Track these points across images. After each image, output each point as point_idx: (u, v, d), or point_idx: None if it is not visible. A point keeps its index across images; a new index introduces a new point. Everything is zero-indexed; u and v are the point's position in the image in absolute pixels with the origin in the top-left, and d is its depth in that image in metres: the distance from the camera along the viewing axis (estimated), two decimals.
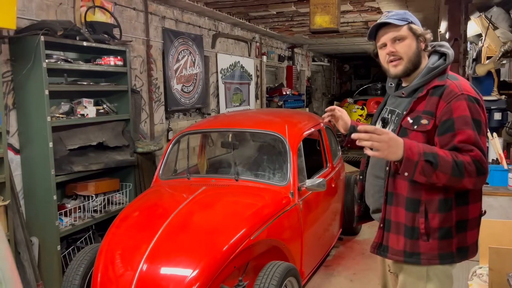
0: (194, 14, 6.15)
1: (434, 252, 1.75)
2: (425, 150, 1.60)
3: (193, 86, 6.15)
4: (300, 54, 11.09)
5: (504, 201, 3.21)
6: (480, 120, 1.67)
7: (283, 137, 3.37)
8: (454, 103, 1.66)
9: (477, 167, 1.60)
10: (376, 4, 5.82)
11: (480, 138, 1.65)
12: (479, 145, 1.64)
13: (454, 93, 1.68)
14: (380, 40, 1.83)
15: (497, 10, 5.28)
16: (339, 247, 4.54)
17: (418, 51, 1.80)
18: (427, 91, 1.74)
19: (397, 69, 1.80)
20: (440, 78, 1.76)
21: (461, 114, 1.65)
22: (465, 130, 1.63)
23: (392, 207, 1.80)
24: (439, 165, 1.57)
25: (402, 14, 1.81)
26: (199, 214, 2.97)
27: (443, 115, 1.67)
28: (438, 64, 1.78)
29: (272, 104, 8.85)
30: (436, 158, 1.58)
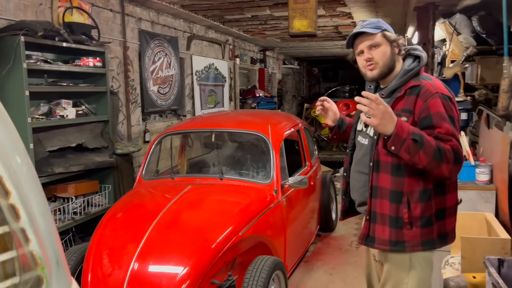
0: (169, 16, 6.17)
1: (417, 239, 1.89)
2: (414, 131, 1.74)
3: (169, 87, 6.16)
4: (272, 57, 11.26)
5: (472, 195, 3.44)
6: (454, 117, 1.84)
7: (266, 137, 3.48)
8: (430, 100, 1.82)
9: (455, 155, 1.75)
10: (348, 9, 6.04)
11: (455, 131, 1.82)
12: (456, 137, 1.81)
13: (429, 92, 1.84)
14: (358, 48, 1.98)
15: (460, 16, 5.61)
16: (317, 243, 4.69)
17: (392, 55, 1.96)
18: (405, 91, 1.90)
19: (373, 72, 1.95)
20: (415, 78, 1.92)
21: (438, 110, 1.81)
22: (443, 124, 1.79)
23: (377, 200, 1.94)
24: (424, 146, 1.72)
25: (376, 22, 1.97)
26: (187, 212, 3.03)
27: (421, 112, 1.83)
28: (413, 66, 1.94)
29: (246, 106, 8.96)
30: (422, 139, 1.72)
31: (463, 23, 5.58)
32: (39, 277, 0.69)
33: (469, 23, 5.57)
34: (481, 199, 3.41)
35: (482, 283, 2.50)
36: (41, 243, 0.69)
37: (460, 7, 5.69)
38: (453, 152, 1.75)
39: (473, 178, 3.48)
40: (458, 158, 1.77)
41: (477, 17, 5.58)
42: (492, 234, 3.05)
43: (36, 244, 0.69)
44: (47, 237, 0.71)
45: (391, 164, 1.88)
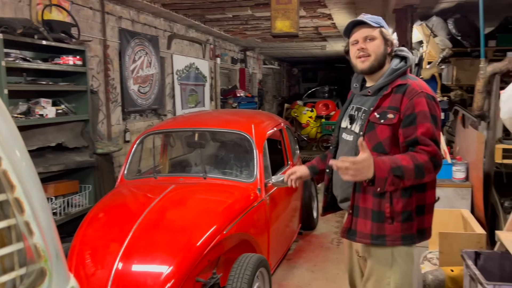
0: (150, 15, 6.13)
1: (398, 233, 1.95)
2: (392, 165, 1.80)
3: (150, 87, 6.12)
4: (252, 57, 11.29)
5: (449, 192, 3.55)
6: (436, 116, 1.91)
7: (249, 136, 3.50)
8: (416, 99, 1.88)
9: (433, 163, 1.83)
10: (328, 10, 6.13)
11: (436, 131, 1.89)
12: (435, 138, 1.87)
13: (415, 91, 1.90)
14: (353, 37, 2.02)
15: (436, 19, 5.77)
16: (299, 241, 4.74)
17: (385, 53, 2.01)
18: (392, 89, 1.96)
19: (364, 64, 2.00)
20: (402, 78, 1.98)
21: (422, 109, 1.87)
22: (424, 123, 1.86)
23: (361, 194, 1.99)
24: (405, 176, 1.80)
25: (377, 18, 2.02)
26: (171, 211, 3.02)
27: (407, 110, 1.89)
28: (400, 66, 2.00)
29: (227, 106, 8.97)
30: (401, 170, 1.79)
31: (440, 25, 5.73)
32: (42, 269, 0.70)
33: (445, 25, 5.73)
34: (457, 196, 3.53)
35: (460, 276, 2.59)
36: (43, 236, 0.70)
37: (437, 10, 5.86)
38: (432, 161, 1.82)
39: (450, 176, 3.59)
40: (437, 164, 1.85)
41: (452, 20, 5.75)
42: (468, 229, 3.16)
43: (40, 237, 0.69)
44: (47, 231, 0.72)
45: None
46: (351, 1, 5.46)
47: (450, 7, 5.70)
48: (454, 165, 3.54)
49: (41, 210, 0.72)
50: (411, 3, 4.75)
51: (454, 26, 5.70)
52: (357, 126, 2.04)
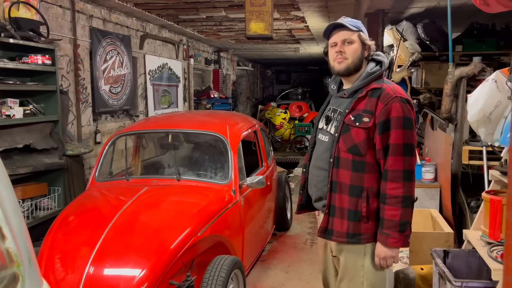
0: (122, 14, 6.03)
1: (372, 231, 2.01)
2: (395, 230, 1.92)
3: (121, 87, 6.02)
4: (226, 58, 11.27)
5: (418, 192, 3.64)
6: (411, 118, 1.97)
7: (224, 138, 3.49)
8: (391, 104, 1.94)
9: (406, 178, 1.92)
10: (301, 13, 6.19)
11: (411, 134, 1.95)
12: (407, 143, 1.93)
13: (390, 95, 1.96)
14: (332, 39, 2.06)
15: (406, 24, 5.92)
16: (273, 242, 4.76)
17: (362, 57, 2.05)
18: (366, 92, 2.00)
19: (341, 66, 2.04)
20: (377, 81, 2.03)
21: (396, 115, 1.93)
22: (397, 130, 1.92)
23: (336, 195, 2.03)
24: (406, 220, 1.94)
25: (357, 22, 2.07)
26: (144, 214, 2.98)
27: (381, 115, 1.94)
28: (375, 69, 2.05)
29: (200, 107, 8.91)
30: (402, 224, 1.92)
31: (409, 30, 5.89)
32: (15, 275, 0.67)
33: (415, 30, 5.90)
34: (426, 196, 3.63)
35: (429, 274, 2.66)
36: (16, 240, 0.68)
37: (407, 15, 6.01)
38: (405, 180, 1.92)
39: (419, 176, 3.69)
40: (409, 176, 1.94)
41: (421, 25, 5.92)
42: (436, 228, 3.26)
43: (12, 241, 0.67)
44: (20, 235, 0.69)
45: (352, 161, 1.98)
46: (324, 4, 5.54)
47: (419, 12, 5.86)
48: (423, 166, 3.64)
49: (13, 213, 0.70)
50: (382, 7, 4.86)
51: (423, 30, 5.87)
52: (333, 128, 2.08)
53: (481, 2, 1.63)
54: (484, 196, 2.07)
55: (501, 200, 1.87)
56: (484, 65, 3.41)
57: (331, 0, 5.28)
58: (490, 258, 1.96)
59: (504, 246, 0.66)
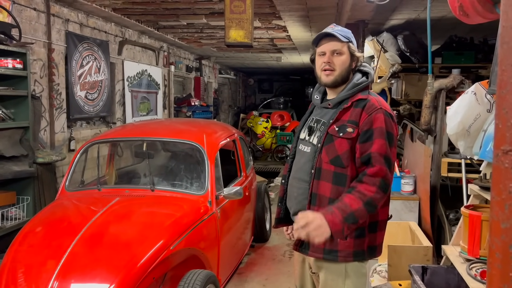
0: (100, 19, 5.90)
1: (350, 249, 1.92)
2: (343, 215, 1.78)
3: (98, 93, 5.87)
4: (208, 66, 11.19)
5: (397, 204, 3.62)
6: (393, 133, 1.90)
7: (201, 147, 3.39)
8: (374, 115, 1.88)
9: (381, 188, 1.82)
10: (283, 22, 6.16)
11: (390, 149, 1.88)
12: (388, 156, 1.86)
13: (374, 106, 1.90)
14: (321, 48, 1.99)
15: (386, 35, 5.96)
16: (251, 254, 4.66)
17: (350, 68, 2.00)
18: (352, 103, 1.94)
19: (328, 78, 1.98)
20: (363, 92, 1.97)
21: (379, 125, 1.87)
22: (379, 139, 1.85)
23: (315, 207, 1.95)
24: (358, 218, 1.79)
25: (347, 32, 2.00)
26: (114, 226, 2.85)
27: (365, 125, 1.88)
28: (362, 80, 1.99)
29: (181, 115, 8.79)
30: (353, 216, 1.78)
31: (390, 41, 5.93)
32: None
33: (395, 41, 5.93)
34: (405, 208, 3.59)
35: None
36: None
37: (387, 26, 6.05)
38: (379, 188, 1.81)
39: (398, 188, 3.65)
40: (385, 187, 1.84)
41: (402, 36, 5.96)
42: (415, 241, 3.21)
43: None
44: None
45: (333, 173, 1.91)
46: (305, 14, 5.52)
47: (400, 24, 5.91)
48: (402, 178, 3.61)
49: None
50: (363, 18, 4.86)
51: (403, 42, 5.91)
52: (315, 138, 2.01)
53: (460, 13, 1.59)
54: (463, 211, 2.02)
55: (480, 216, 1.82)
56: (463, 77, 3.41)
57: (312, 10, 5.26)
58: (469, 276, 1.91)
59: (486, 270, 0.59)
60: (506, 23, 0.60)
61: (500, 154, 0.61)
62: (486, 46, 5.99)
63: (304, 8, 5.16)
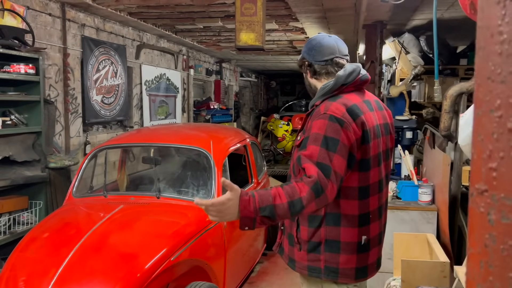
0: (117, 24, 5.92)
1: (304, 262, 1.80)
2: (260, 205, 1.55)
3: (115, 97, 5.88)
4: (228, 69, 11.14)
5: (414, 215, 3.41)
6: (336, 139, 1.64)
7: (207, 153, 3.31)
8: (315, 121, 1.70)
9: (314, 190, 1.56)
10: (300, 24, 6.02)
11: (329, 155, 1.62)
12: (322, 162, 1.61)
13: (319, 112, 1.72)
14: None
15: (408, 36, 5.73)
16: (264, 263, 4.54)
17: (308, 81, 1.95)
18: (312, 110, 1.82)
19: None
20: (320, 98, 1.80)
21: (315, 131, 1.67)
22: (311, 146, 1.65)
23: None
24: (277, 215, 1.57)
25: (305, 45, 1.94)
26: (116, 234, 2.79)
27: (306, 131, 1.75)
28: (325, 86, 1.82)
29: (200, 118, 8.76)
30: (272, 210, 1.55)
31: (412, 42, 5.69)
32: None
33: (417, 42, 5.70)
34: (423, 219, 3.39)
35: None
36: None
37: (409, 27, 5.82)
38: (313, 190, 1.56)
39: (416, 198, 3.45)
40: (318, 191, 1.57)
41: (424, 37, 5.71)
42: (433, 256, 3.02)
43: None
44: None
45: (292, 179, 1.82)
46: (322, 15, 5.36)
47: (422, 24, 5.67)
48: (420, 187, 3.41)
49: None
50: (380, 19, 4.67)
51: (426, 43, 5.67)
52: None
53: (472, 12, 1.43)
54: None
55: None
56: None
57: (329, 11, 5.11)
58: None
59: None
60: (482, 22, 0.47)
61: (475, 194, 0.47)
62: None
63: (320, 9, 5.01)
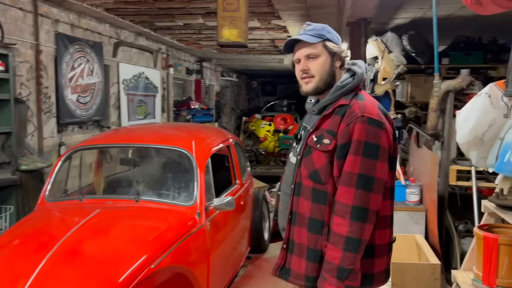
0: (93, 20, 5.69)
1: None
2: (334, 275, 1.57)
3: (91, 96, 5.66)
4: (209, 68, 10.97)
5: (402, 216, 3.35)
6: (377, 144, 1.61)
7: (189, 153, 3.15)
8: (353, 125, 1.61)
9: (355, 217, 1.56)
10: (283, 22, 5.92)
11: (370, 163, 1.59)
12: (363, 174, 1.58)
13: (354, 114, 1.63)
14: (295, 55, 1.79)
15: (391, 35, 5.69)
16: (247, 266, 4.40)
17: (332, 69, 1.75)
18: (333, 110, 1.70)
19: (308, 86, 1.76)
20: (346, 97, 1.71)
21: (356, 138, 1.60)
22: (352, 156, 1.60)
23: (295, 227, 1.73)
24: (350, 263, 1.57)
25: (320, 29, 1.75)
26: (91, 241, 2.61)
27: (341, 137, 1.63)
28: (346, 82, 1.74)
29: (180, 118, 8.57)
30: (344, 268, 1.56)
31: (394, 41, 5.66)
32: None
33: (400, 41, 5.66)
34: (411, 220, 3.33)
35: None
36: None
37: (392, 26, 5.79)
38: (353, 218, 1.56)
39: (403, 198, 3.39)
40: (360, 215, 1.57)
41: (407, 36, 5.68)
42: (422, 257, 2.95)
43: None
44: None
45: (312, 189, 1.68)
46: (305, 13, 5.27)
47: (405, 23, 5.64)
48: (407, 187, 3.34)
49: None
50: (364, 16, 4.61)
51: (408, 42, 5.64)
52: (299, 147, 1.78)
53: (472, 1, 1.34)
54: (476, 232, 1.74)
55: (497, 239, 1.55)
56: (472, 78, 3.14)
57: (312, 8, 5.02)
58: None
59: None
60: None
61: None
62: (495, 46, 5.70)
63: (303, 6, 4.91)
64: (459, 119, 1.84)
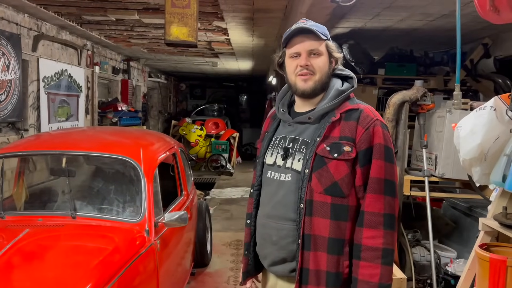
0: (9, 8, 5.00)
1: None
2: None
3: (6, 95, 4.96)
4: (136, 68, 10.37)
5: None
6: (392, 148, 1.59)
7: (136, 163, 2.80)
8: (372, 129, 1.54)
9: (388, 225, 1.49)
10: (225, 24, 5.72)
11: (392, 167, 1.56)
12: (389, 179, 1.53)
13: (370, 118, 1.56)
14: (295, 48, 1.59)
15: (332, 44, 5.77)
16: (191, 283, 4.09)
17: (329, 72, 1.61)
18: (340, 115, 1.56)
19: (307, 84, 1.59)
20: (350, 101, 1.62)
21: (377, 142, 1.54)
22: (378, 160, 1.53)
23: (310, 253, 1.52)
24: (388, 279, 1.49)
25: (322, 28, 1.62)
26: (21, 269, 2.17)
27: (362, 142, 1.53)
28: (347, 87, 1.64)
29: (106, 120, 7.93)
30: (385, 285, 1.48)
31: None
32: None
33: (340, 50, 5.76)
34: None
35: None
36: None
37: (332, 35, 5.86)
38: (386, 227, 1.48)
39: None
40: (391, 222, 1.50)
41: (347, 46, 5.79)
42: None
43: None
44: None
45: (331, 205, 1.51)
46: (250, 16, 5.12)
47: (345, 33, 5.74)
48: None
49: None
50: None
51: (348, 52, 5.76)
52: (298, 162, 1.57)
53: (490, 9, 1.26)
54: (479, 253, 1.65)
55: (506, 261, 1.48)
56: (425, 89, 3.20)
57: (258, 12, 4.88)
58: None
59: None
60: None
61: None
62: (427, 59, 6.03)
63: (250, 9, 4.75)
64: (463, 134, 1.78)
